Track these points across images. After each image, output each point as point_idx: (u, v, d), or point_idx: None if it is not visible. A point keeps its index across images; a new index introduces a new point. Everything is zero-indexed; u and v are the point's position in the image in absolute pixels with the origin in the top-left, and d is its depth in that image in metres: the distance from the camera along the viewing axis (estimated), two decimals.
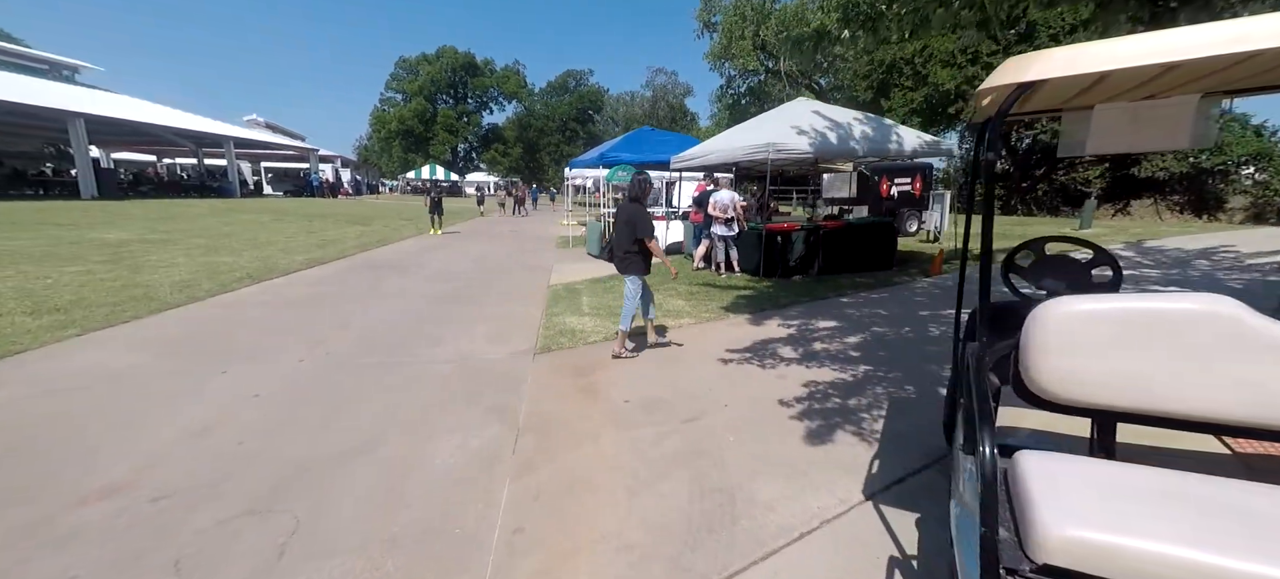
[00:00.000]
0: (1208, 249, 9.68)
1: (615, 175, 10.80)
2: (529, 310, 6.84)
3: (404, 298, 7.48)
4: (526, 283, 8.86)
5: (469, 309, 6.90)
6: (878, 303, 7.01)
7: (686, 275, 9.13)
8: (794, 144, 8.41)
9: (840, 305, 6.94)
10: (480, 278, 9.29)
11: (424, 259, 11.40)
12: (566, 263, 11.20)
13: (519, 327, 6.03)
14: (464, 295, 7.73)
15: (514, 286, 8.55)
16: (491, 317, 6.51)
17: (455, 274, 9.59)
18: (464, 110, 63.46)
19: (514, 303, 7.31)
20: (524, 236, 16.95)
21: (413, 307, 6.97)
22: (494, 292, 8.09)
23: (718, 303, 7.07)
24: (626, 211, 4.88)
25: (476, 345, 5.31)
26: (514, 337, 5.63)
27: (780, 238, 8.54)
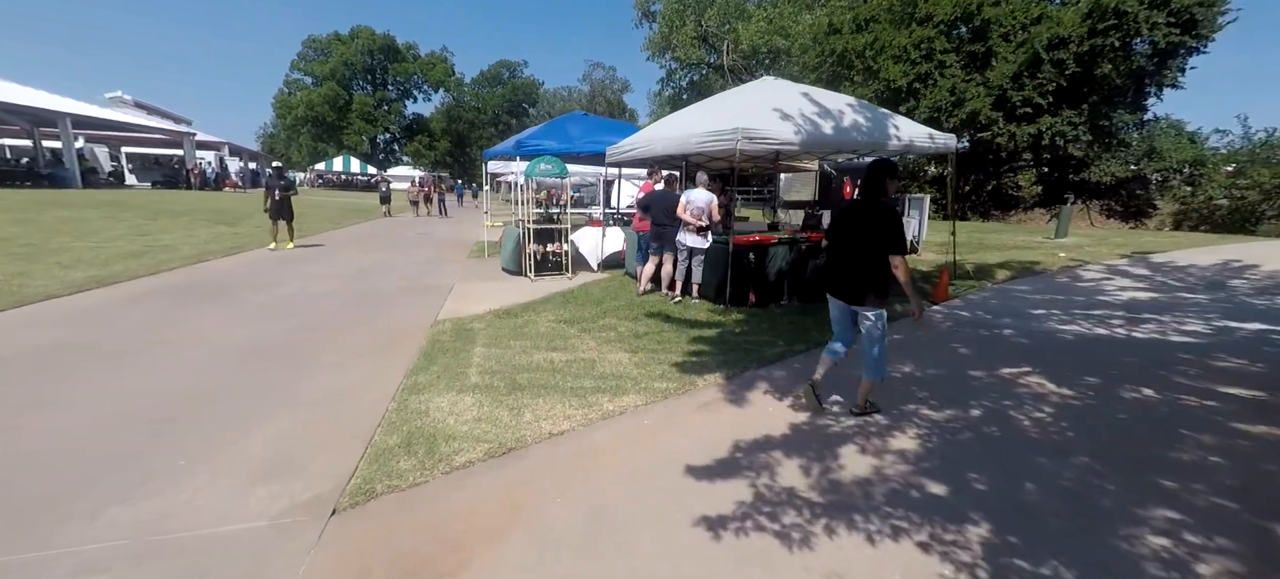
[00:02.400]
0: (1224, 263, 8.58)
1: (536, 169, 8.36)
2: (380, 378, 4.31)
3: (190, 352, 4.74)
4: (403, 319, 6.27)
5: (281, 377, 4.29)
6: (898, 351, 5.02)
7: (630, 303, 6.86)
8: (774, 131, 6.32)
9: (845, 358, 4.89)
10: (340, 310, 6.59)
11: (276, 278, 8.47)
12: (473, 282, 8.63)
13: (343, 425, 3.51)
14: (292, 347, 5.07)
15: (383, 326, 5.95)
16: (308, 397, 3.94)
17: (305, 304, 6.83)
18: (384, 98, 58.29)
19: (365, 361, 4.75)
20: (431, 244, 14.09)
21: (187, 373, 4.28)
22: (347, 337, 5.47)
23: (673, 355, 4.84)
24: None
25: (219, 494, 2.75)
26: (317, 457, 3.10)
27: (752, 255, 6.45)
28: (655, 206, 7.19)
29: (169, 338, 5.18)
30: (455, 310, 6.66)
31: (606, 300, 7.09)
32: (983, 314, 6.13)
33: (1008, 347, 5.01)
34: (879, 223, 3.16)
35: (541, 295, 7.48)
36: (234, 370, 4.45)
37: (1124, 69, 15.13)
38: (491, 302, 7.13)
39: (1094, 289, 7.32)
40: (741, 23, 30.93)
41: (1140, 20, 14.21)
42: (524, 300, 7.18)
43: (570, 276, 8.92)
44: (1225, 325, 5.42)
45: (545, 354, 4.88)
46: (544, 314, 6.38)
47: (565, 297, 7.34)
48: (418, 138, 60.30)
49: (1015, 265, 9.31)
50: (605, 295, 7.39)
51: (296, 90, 56.11)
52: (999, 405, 3.71)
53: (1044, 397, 3.81)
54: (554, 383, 4.17)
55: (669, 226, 7.07)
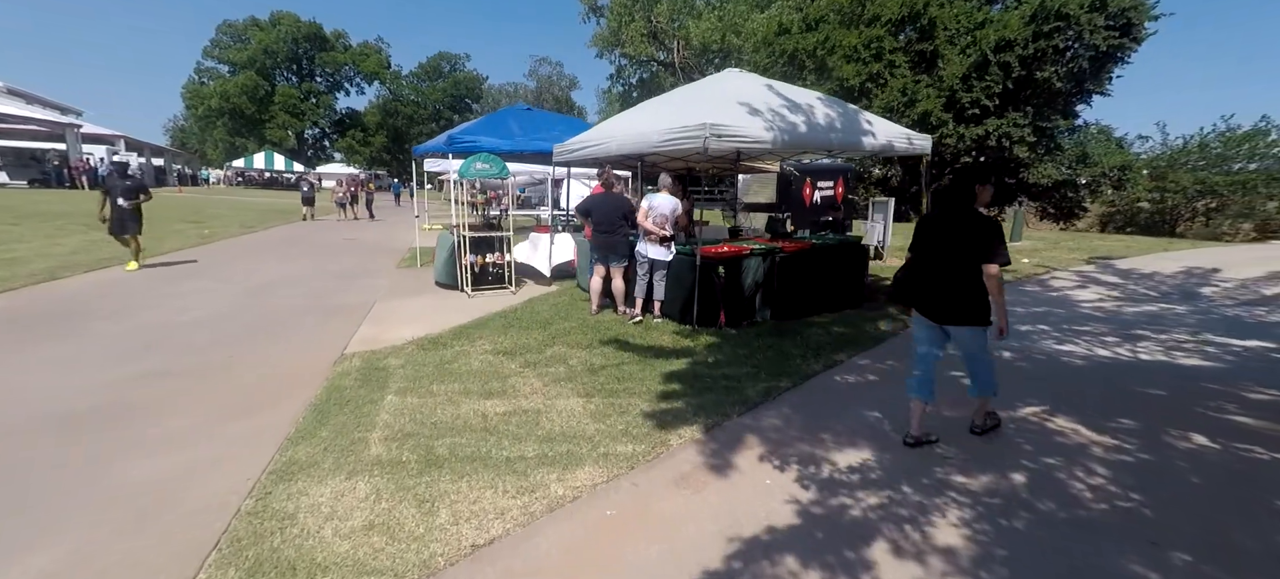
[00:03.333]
0: (1188, 270, 8.52)
1: (471, 168, 7.26)
2: (242, 454, 3.18)
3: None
4: (298, 355, 5.07)
5: (95, 455, 3.09)
6: (898, 389, 4.32)
7: (583, 324, 5.90)
8: (745, 128, 5.52)
9: (846, 395, 4.15)
10: (216, 344, 5.29)
11: (145, 300, 6.97)
12: (398, 299, 7.42)
13: (156, 546, 2.40)
14: (128, 405, 3.82)
15: (269, 367, 4.74)
16: (122, 490, 2.77)
17: (172, 337, 5.49)
18: (311, 89, 54.35)
19: (226, 425, 3.58)
20: (356, 251, 12.59)
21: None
22: (214, 385, 4.24)
23: (637, 398, 3.93)
24: None
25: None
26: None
27: (723, 268, 5.64)
28: (597, 212, 6.28)
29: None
30: (370, 339, 5.50)
31: (555, 321, 6.11)
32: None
33: (1014, 375, 4.41)
34: (975, 232, 2.92)
35: (479, 316, 6.41)
36: (32, 443, 3.19)
37: (1064, 72, 15.55)
38: (417, 325, 6.00)
39: (1072, 300, 6.97)
40: (692, 20, 30.40)
41: (1082, 23, 14.57)
42: (457, 323, 6.09)
43: (514, 291, 7.86)
44: (1227, 344, 5.06)
45: (477, 403, 3.87)
46: (480, 342, 5.34)
47: (507, 318, 6.30)
48: (351, 133, 56.54)
49: None
50: (554, 315, 6.40)
51: (210, 79, 51.37)
52: (1041, 464, 3.02)
53: (1085, 449, 3.16)
54: (485, 451, 3.18)
55: (614, 234, 6.18)
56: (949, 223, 3.02)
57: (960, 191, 3.02)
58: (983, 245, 2.86)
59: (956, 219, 3.00)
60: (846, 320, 6.07)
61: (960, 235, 2.95)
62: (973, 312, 2.97)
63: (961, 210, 3.00)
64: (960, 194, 3.01)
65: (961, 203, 3.01)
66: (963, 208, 3.01)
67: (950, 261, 3.00)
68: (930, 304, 3.12)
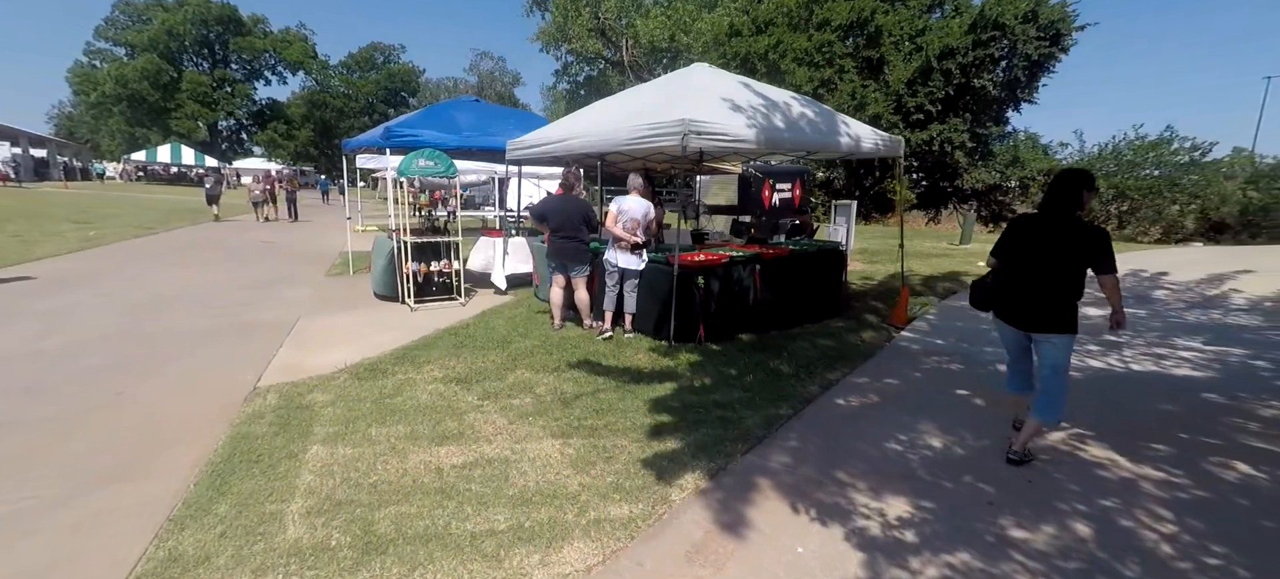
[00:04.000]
0: (1134, 273, 8.74)
1: (412, 166, 6.42)
2: (98, 547, 2.35)
3: None
4: (194, 391, 4.13)
5: None
6: (911, 409, 3.94)
7: (547, 342, 5.23)
8: (727, 126, 5.04)
9: (855, 422, 3.72)
10: (86, 379, 4.25)
11: (8, 316, 5.70)
12: (327, 314, 6.45)
13: None
14: None
15: (158, 407, 3.80)
16: None
17: (26, 371, 4.39)
18: (225, 77, 49.94)
19: (80, 502, 2.71)
20: (276, 257, 11.25)
21: None
22: (72, 439, 3.30)
23: (622, 437, 3.35)
24: None
25: None
26: None
27: (702, 278, 5.12)
28: (555, 216, 5.63)
29: None
30: (290, 367, 4.61)
31: (514, 339, 5.41)
32: (961, 344, 5.34)
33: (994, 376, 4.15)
34: (1080, 241, 2.80)
35: (425, 334, 5.61)
36: None
37: (1001, 80, 16.25)
38: (350, 347, 5.14)
39: None
40: (640, 18, 29.94)
41: (1017, 33, 15.22)
42: (399, 343, 5.27)
43: (463, 302, 7.06)
44: (1214, 353, 5.03)
45: (429, 452, 3.16)
46: (428, 368, 4.58)
47: (458, 336, 5.54)
48: (272, 126, 52.32)
49: (946, 276, 8.99)
50: (512, 331, 5.69)
51: (103, 62, 46.14)
52: (1097, 508, 2.67)
53: (1134, 486, 2.86)
54: (443, 525, 2.50)
55: (573, 240, 5.57)
56: (1050, 229, 2.88)
57: (1065, 197, 2.86)
58: (1093, 255, 2.76)
59: (1060, 226, 2.86)
60: (829, 332, 5.72)
61: (1064, 243, 2.83)
62: (1062, 320, 2.86)
63: (1065, 217, 2.86)
64: (1065, 199, 2.86)
65: (1066, 208, 2.86)
66: (1066, 214, 2.86)
67: (1047, 269, 2.88)
68: (1018, 312, 3.03)
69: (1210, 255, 10.96)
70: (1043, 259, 2.89)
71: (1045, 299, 2.89)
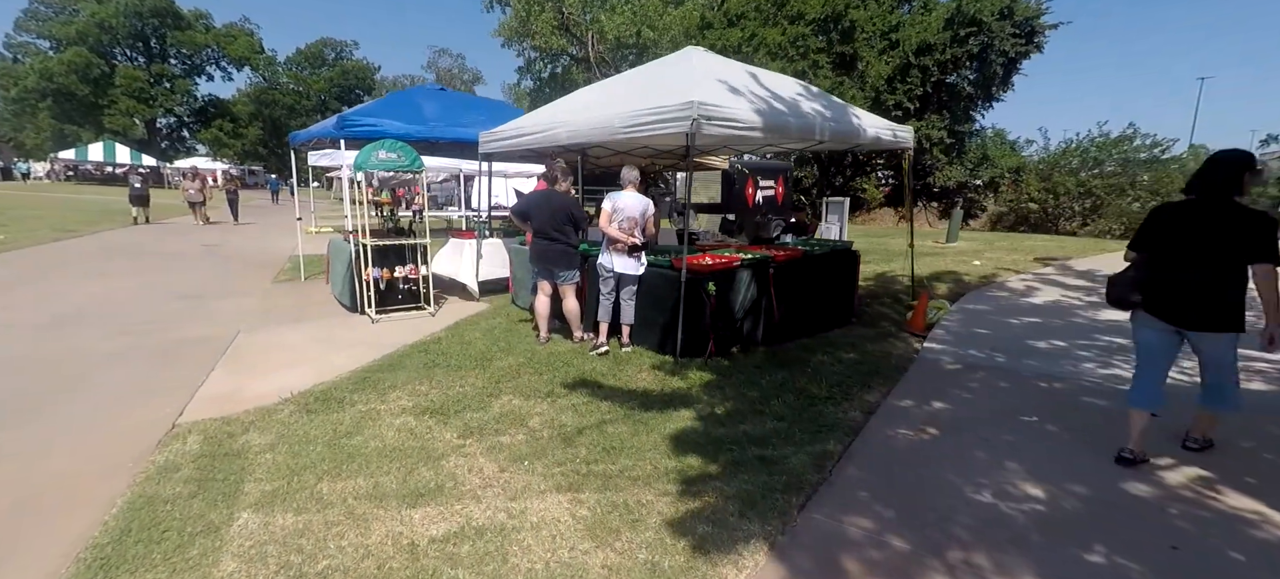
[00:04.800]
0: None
1: (371, 159, 5.61)
2: None
3: None
4: (95, 435, 3.28)
5: None
6: (970, 434, 3.43)
7: (533, 359, 4.53)
8: (737, 112, 4.47)
9: (923, 461, 3.18)
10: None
11: None
12: (272, 327, 5.55)
13: None
14: None
15: (41, 456, 2.95)
16: None
17: None
18: (164, 72, 46.71)
19: None
20: (217, 262, 10.13)
21: None
22: None
23: (651, 489, 2.71)
24: None
25: None
26: None
27: (713, 284, 4.51)
28: (538, 214, 4.95)
29: None
30: (223, 397, 3.78)
31: (495, 356, 4.70)
32: (997, 356, 4.85)
33: (1094, 415, 3.69)
34: (1246, 228, 2.54)
35: (389, 351, 4.84)
36: None
37: (979, 78, 16.30)
38: (299, 369, 4.34)
39: (1061, 308, 6.49)
40: (605, 13, 29.20)
41: (994, 29, 15.25)
42: (359, 363, 4.49)
43: (433, 312, 6.27)
44: (1261, 358, 4.69)
45: (397, 519, 2.45)
46: (394, 395, 3.83)
47: (429, 353, 4.78)
48: (217, 123, 49.27)
49: (944, 276, 8.66)
50: (492, 346, 4.97)
51: (25, 55, 42.54)
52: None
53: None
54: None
55: (559, 241, 4.90)
56: (1207, 216, 2.64)
57: (1224, 180, 2.60)
58: (1258, 243, 2.50)
59: (1218, 212, 2.61)
60: (848, 342, 5.19)
61: (1224, 230, 2.59)
62: (1227, 316, 2.63)
63: (1224, 202, 2.61)
64: (1224, 183, 2.60)
65: (1224, 193, 2.61)
66: (1225, 199, 2.61)
67: (1206, 260, 2.62)
68: (1172, 307, 2.76)
69: None
70: (1202, 249, 2.63)
71: (1208, 293, 2.63)
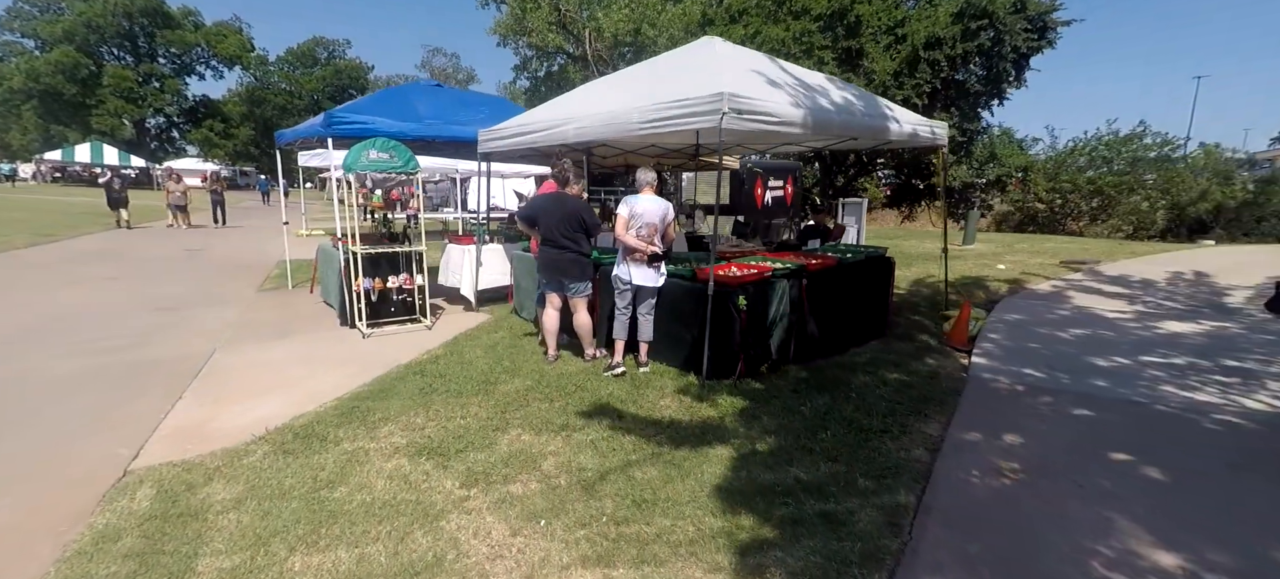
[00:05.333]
0: (1176, 275, 8.10)
1: (361, 159, 5.11)
2: None
3: None
4: (29, 485, 2.76)
5: None
6: (1062, 478, 2.96)
7: (542, 382, 4.04)
8: (770, 104, 4.00)
9: (1023, 520, 2.71)
10: None
11: None
12: (252, 344, 5.02)
13: None
14: None
15: None
16: None
17: None
18: (153, 72, 45.94)
19: None
20: (199, 268, 9.59)
21: None
22: None
23: (702, 564, 2.23)
24: None
25: None
26: None
27: (743, 297, 4.03)
28: (546, 218, 4.47)
29: None
30: (188, 432, 3.28)
31: (499, 377, 4.21)
32: (1058, 374, 4.34)
33: (1199, 451, 3.23)
34: None
35: (381, 372, 4.34)
36: None
37: (991, 74, 15.88)
38: (280, 395, 3.84)
39: (1107, 319, 5.99)
40: (602, 11, 28.67)
41: (1006, 22, 14.81)
42: (347, 387, 4.00)
43: (429, 325, 5.77)
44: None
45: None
46: (385, 429, 3.33)
47: (425, 375, 4.29)
48: (208, 124, 48.46)
49: (971, 282, 8.20)
50: (495, 365, 4.48)
51: (10, 55, 41.70)
52: None
53: None
54: None
55: (570, 249, 4.43)
56: None
57: None
58: None
59: None
60: (887, 359, 4.72)
61: None
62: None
63: None
64: None
65: None
66: None
67: None
68: None
69: (1242, 253, 10.55)
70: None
71: None
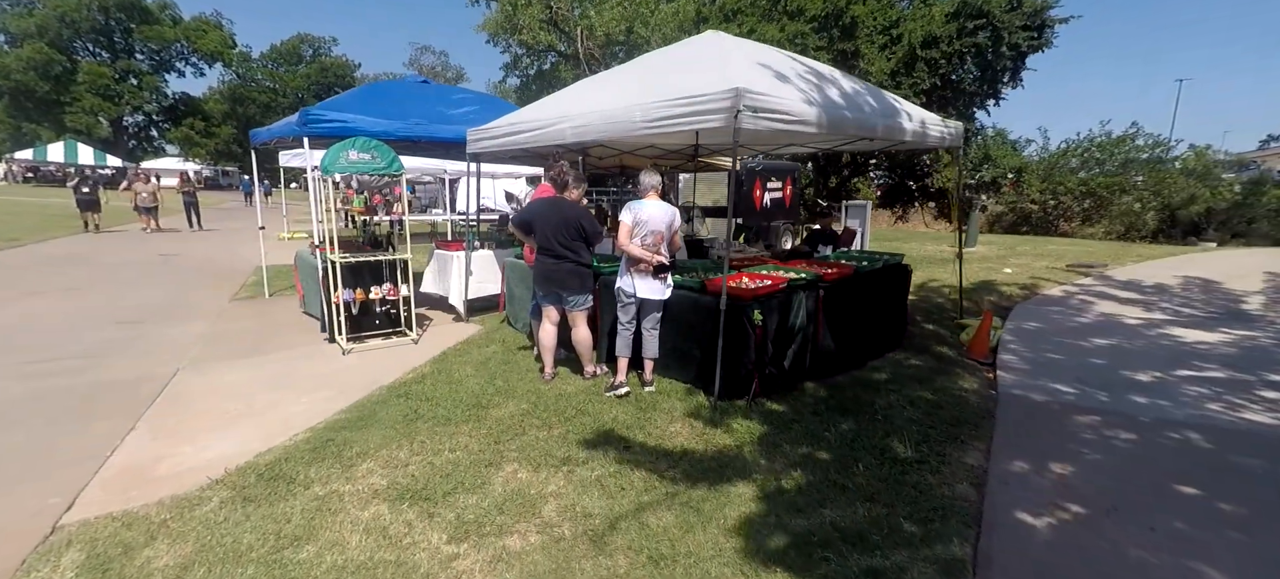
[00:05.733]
0: (1187, 280, 7.93)
1: (340, 160, 4.70)
2: None
3: None
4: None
5: None
6: (1129, 515, 2.66)
7: (539, 403, 3.68)
8: (785, 101, 3.69)
9: (1068, 565, 2.40)
10: None
11: None
12: (218, 363, 4.59)
13: None
14: None
15: None
16: None
17: None
18: (131, 68, 44.73)
19: None
20: (168, 276, 9.09)
21: None
22: None
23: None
24: None
25: None
26: None
27: (759, 312, 3.70)
28: (543, 225, 4.10)
29: None
30: (135, 474, 2.88)
31: (492, 399, 3.85)
32: (1093, 390, 4.03)
33: (1272, 484, 2.95)
34: None
35: (360, 394, 3.96)
36: None
37: (987, 73, 15.74)
38: (245, 425, 3.44)
39: (1130, 328, 5.72)
40: (594, 9, 28.29)
41: (1002, 21, 14.70)
42: (321, 415, 3.60)
43: (415, 338, 5.38)
44: None
45: None
46: (362, 468, 2.96)
47: (410, 397, 3.91)
48: (188, 122, 47.28)
49: (980, 288, 7.95)
50: (487, 385, 4.12)
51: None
52: None
53: None
54: None
55: (569, 259, 4.06)
56: None
57: None
58: None
59: None
60: (908, 374, 4.42)
61: None
62: None
63: None
64: None
65: None
66: None
67: None
68: None
69: (1243, 256, 10.41)
70: None
71: None
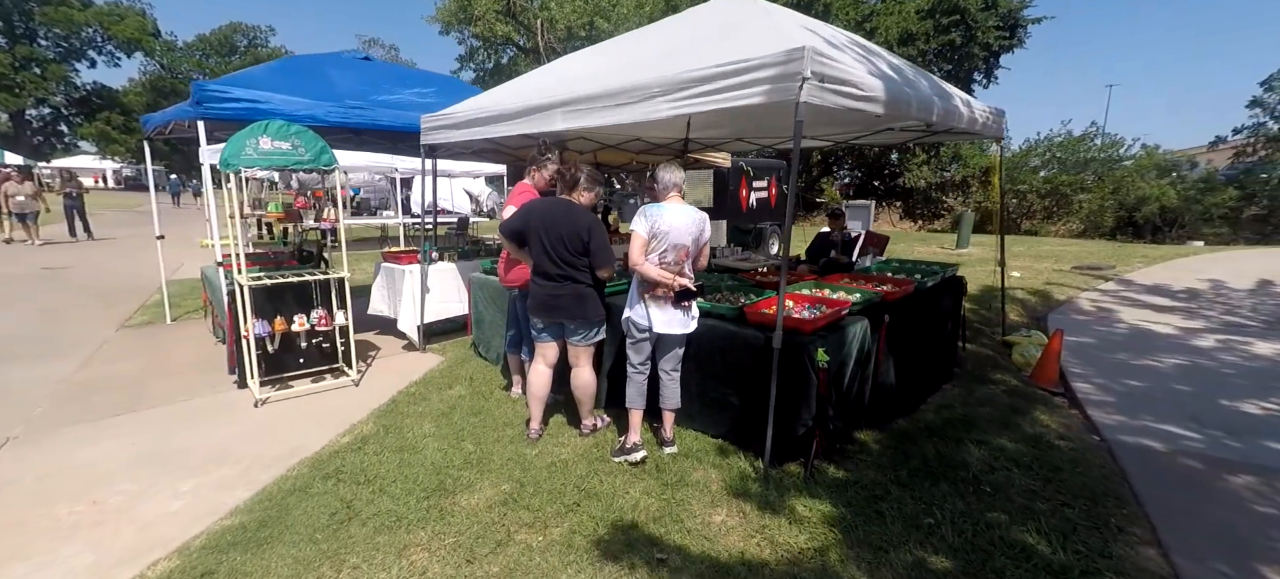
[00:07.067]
0: (1216, 284, 7.55)
1: (243, 150, 3.51)
2: None
3: None
4: None
5: None
6: None
7: (526, 484, 2.66)
8: (851, 71, 2.79)
9: None
10: None
11: None
12: (79, 430, 3.32)
13: None
14: None
15: None
16: None
17: None
18: (32, 55, 40.23)
19: None
20: (46, 294, 7.51)
21: None
22: None
23: None
24: None
25: None
26: None
27: (824, 350, 2.79)
28: (542, 232, 3.03)
29: None
30: None
31: (459, 476, 2.79)
32: (1209, 430, 3.23)
33: None
34: None
35: (270, 475, 2.82)
36: None
37: (959, 72, 15.56)
38: (75, 547, 2.25)
39: (1188, 345, 4.99)
40: (555, 1, 27.09)
41: (976, 20, 14.49)
42: (202, 521, 2.45)
43: (356, 380, 4.22)
44: None
45: None
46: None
47: (343, 479, 2.80)
48: (104, 116, 42.98)
49: (991, 293, 7.34)
50: (451, 451, 3.05)
51: None
52: None
53: None
54: None
55: (572, 279, 3.02)
56: None
57: None
58: None
59: None
60: (981, 415, 3.60)
61: None
62: None
63: None
64: None
65: None
66: None
67: None
68: None
69: (1245, 257, 10.30)
70: None
71: None
